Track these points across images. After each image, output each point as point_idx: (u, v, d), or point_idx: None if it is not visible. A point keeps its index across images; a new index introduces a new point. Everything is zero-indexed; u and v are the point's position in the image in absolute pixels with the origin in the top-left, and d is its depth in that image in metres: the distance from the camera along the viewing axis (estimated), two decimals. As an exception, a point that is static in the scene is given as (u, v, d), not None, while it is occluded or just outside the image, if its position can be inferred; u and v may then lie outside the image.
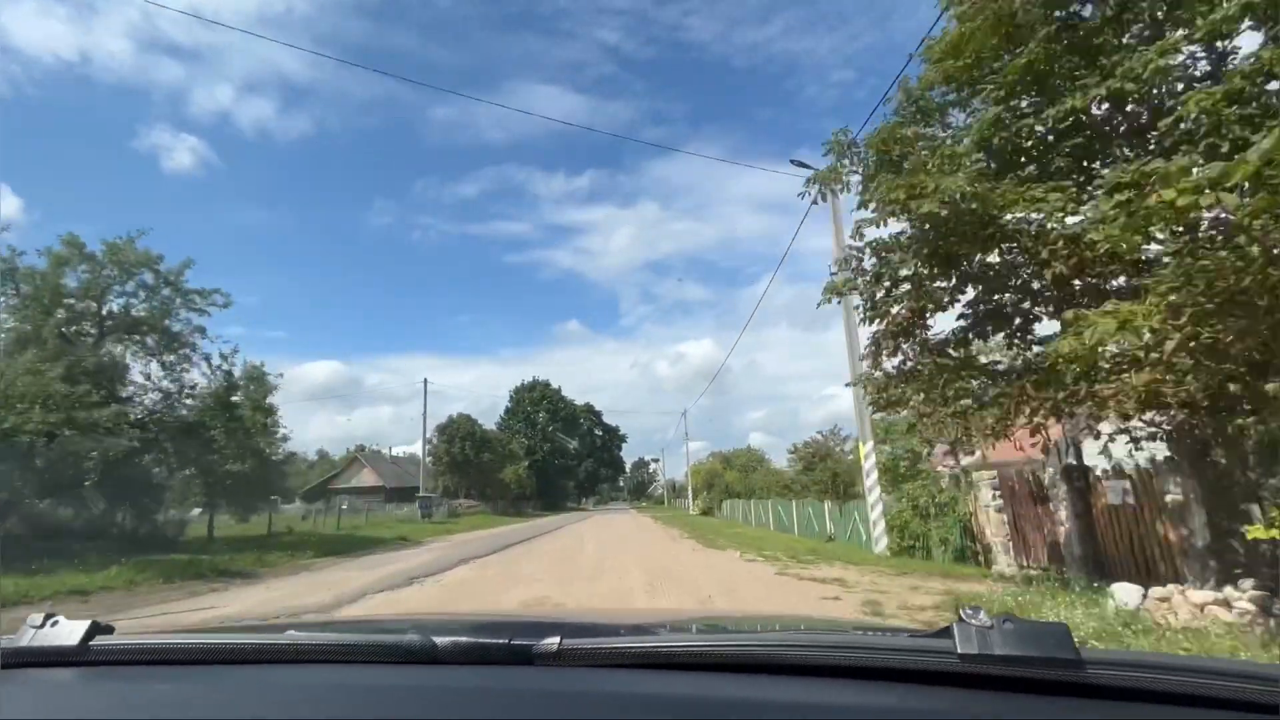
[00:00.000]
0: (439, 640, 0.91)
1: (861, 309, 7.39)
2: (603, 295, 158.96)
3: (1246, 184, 3.86)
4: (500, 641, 0.92)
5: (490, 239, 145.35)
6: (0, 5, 77.64)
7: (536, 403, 69.83)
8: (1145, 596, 5.97)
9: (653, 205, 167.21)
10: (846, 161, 7.46)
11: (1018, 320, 7.10)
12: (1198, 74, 5.68)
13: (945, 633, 0.78)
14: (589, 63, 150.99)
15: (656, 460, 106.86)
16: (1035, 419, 6.22)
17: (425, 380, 36.88)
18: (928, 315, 7.07)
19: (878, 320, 7.17)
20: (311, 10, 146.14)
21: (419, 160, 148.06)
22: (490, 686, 0.84)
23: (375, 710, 0.78)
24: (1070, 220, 5.45)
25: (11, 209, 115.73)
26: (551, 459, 71.34)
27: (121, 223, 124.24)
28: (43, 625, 0.99)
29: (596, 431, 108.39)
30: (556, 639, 0.89)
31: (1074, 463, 8.40)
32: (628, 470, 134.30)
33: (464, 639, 0.93)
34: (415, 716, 0.76)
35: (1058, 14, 6.18)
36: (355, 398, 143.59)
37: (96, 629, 0.98)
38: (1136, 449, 6.77)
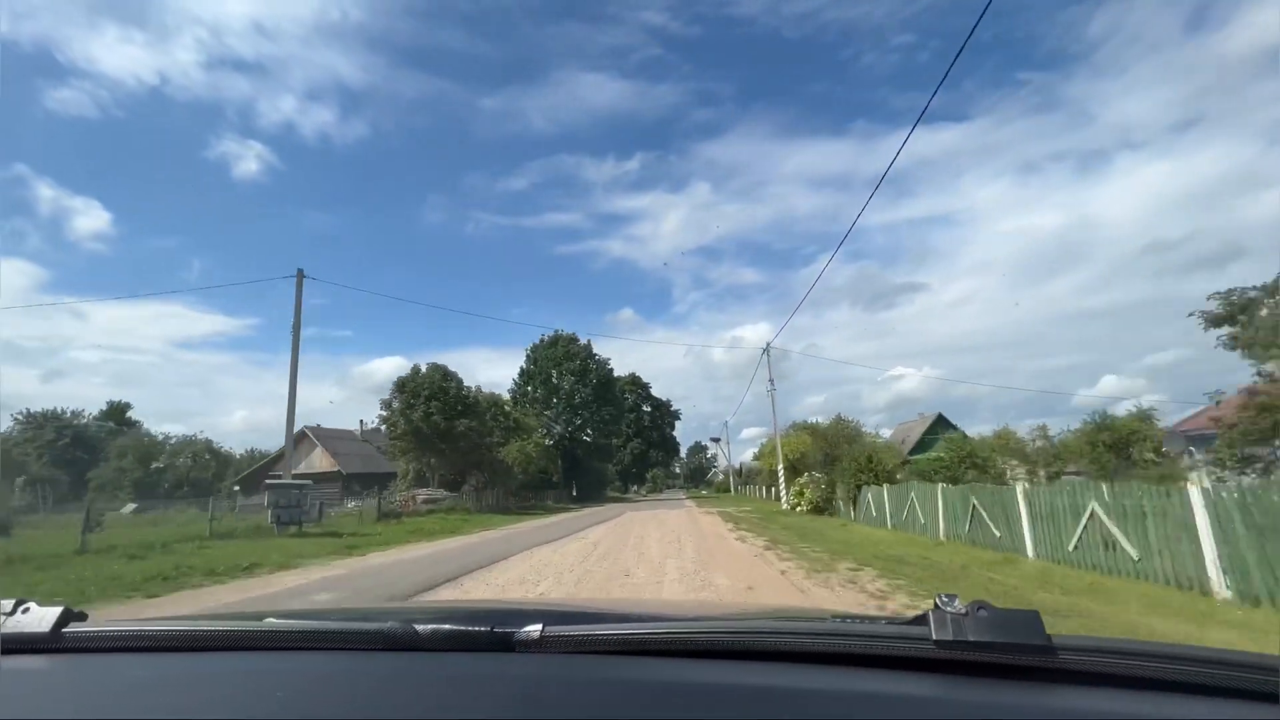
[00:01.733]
0: (420, 627, 0.90)
1: None
2: (654, 283, 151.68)
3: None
4: (482, 629, 0.91)
5: (542, 230, 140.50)
6: (89, 36, 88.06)
7: (559, 362, 53.35)
8: None
9: (703, 189, 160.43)
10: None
11: None
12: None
13: (921, 620, 0.79)
14: (634, 46, 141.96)
15: (718, 440, 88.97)
16: None
17: (299, 272, 20.39)
18: None
19: None
20: (364, 16, 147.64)
21: (470, 155, 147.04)
22: (472, 672, 0.84)
23: (356, 695, 0.78)
24: None
25: (102, 223, 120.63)
26: (582, 434, 54.85)
27: (197, 229, 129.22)
28: (13, 612, 0.96)
29: (644, 407, 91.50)
30: (539, 626, 0.88)
31: None
32: (683, 454, 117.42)
33: (446, 626, 0.92)
34: (396, 702, 0.75)
35: None
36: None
37: (69, 616, 0.95)
38: None
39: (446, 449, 32.70)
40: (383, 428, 32.54)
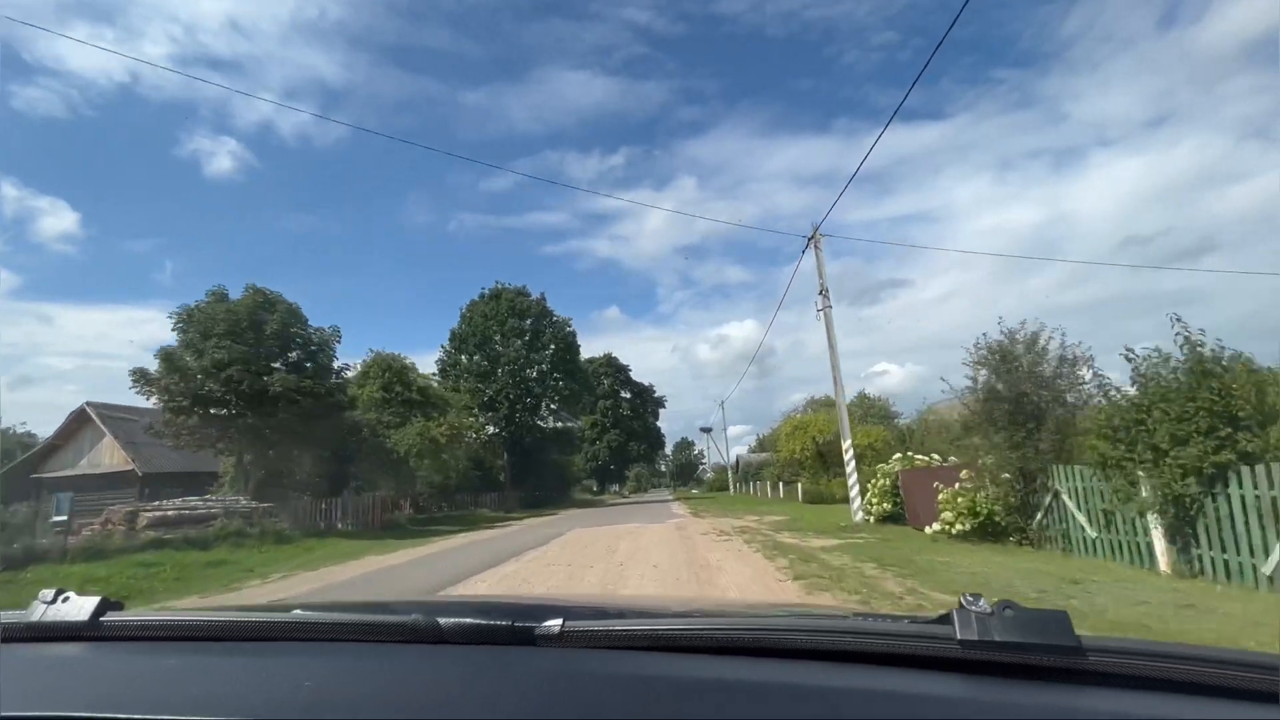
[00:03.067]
0: (443, 621, 0.91)
1: None
2: (640, 281, 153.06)
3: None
4: (504, 623, 0.92)
5: (527, 230, 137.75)
6: (54, 35, 78.58)
7: (502, 321, 39.74)
8: None
9: (688, 188, 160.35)
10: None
11: None
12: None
13: (946, 619, 0.78)
14: (619, 45, 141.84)
15: (708, 430, 75.71)
16: None
17: None
18: None
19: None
20: (344, 14, 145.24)
21: (454, 154, 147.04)
22: (493, 666, 0.84)
23: (380, 687, 0.79)
24: None
25: (70, 223, 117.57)
26: (535, 418, 41.30)
27: (172, 230, 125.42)
28: (54, 601, 0.99)
29: (623, 393, 77.94)
30: (559, 621, 0.89)
31: None
32: (668, 449, 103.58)
33: (468, 620, 0.93)
34: (419, 694, 0.77)
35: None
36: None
37: (107, 605, 0.98)
38: None
39: (265, 427, 19.07)
40: (149, 395, 18.85)
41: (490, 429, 41.06)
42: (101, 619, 0.95)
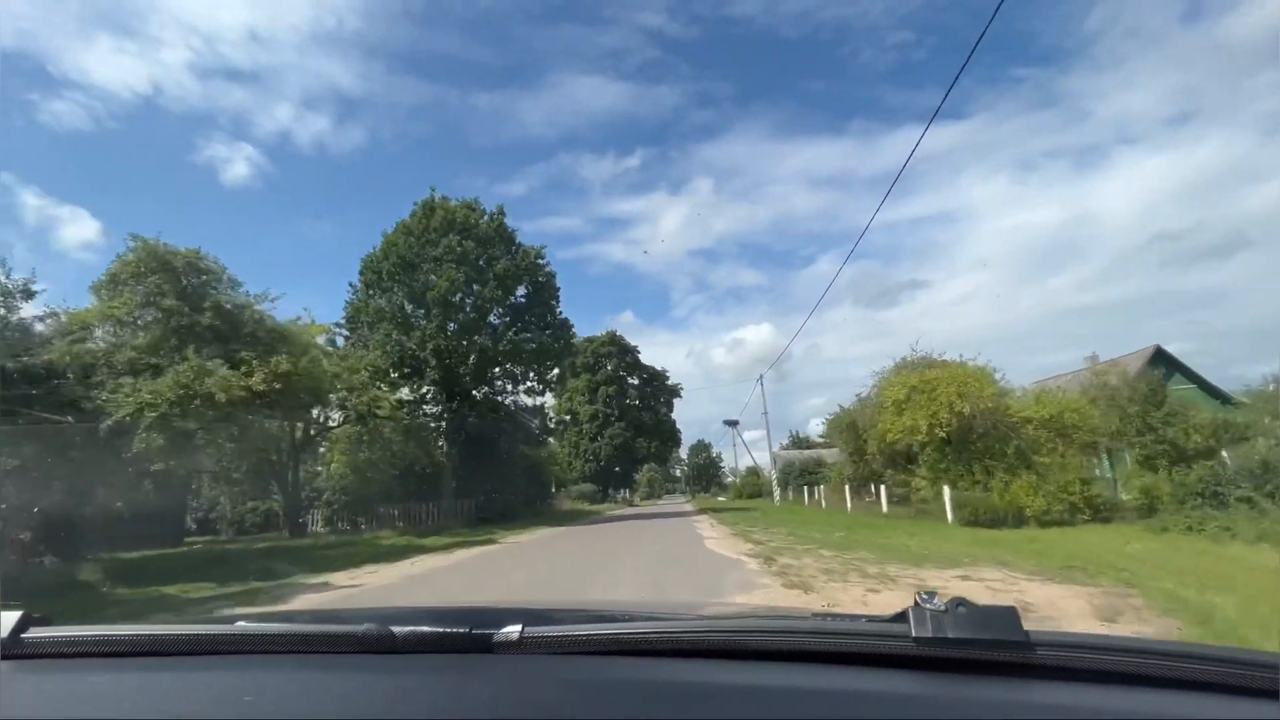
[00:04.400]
0: (397, 630, 0.89)
1: None
2: (654, 286, 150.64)
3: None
4: (460, 630, 0.90)
5: (541, 235, 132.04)
6: (80, 48, 78.14)
7: (435, 241, 26.00)
8: None
9: (703, 191, 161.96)
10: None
11: None
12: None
13: (901, 617, 0.80)
14: (632, 49, 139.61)
15: (735, 423, 61.37)
16: None
17: None
18: None
19: None
20: (361, 23, 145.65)
21: (467, 160, 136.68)
22: (449, 675, 0.83)
23: (328, 700, 0.77)
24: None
25: (91, 231, 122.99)
26: (480, 388, 27.53)
27: (190, 237, 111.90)
28: None
29: (630, 379, 63.91)
30: (518, 627, 0.88)
31: None
32: (682, 449, 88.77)
33: (423, 628, 0.91)
34: (370, 706, 0.75)
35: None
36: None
37: (29, 620, 0.93)
38: None
39: None
40: None
41: (427, 408, 27.53)
42: (23, 635, 0.90)
